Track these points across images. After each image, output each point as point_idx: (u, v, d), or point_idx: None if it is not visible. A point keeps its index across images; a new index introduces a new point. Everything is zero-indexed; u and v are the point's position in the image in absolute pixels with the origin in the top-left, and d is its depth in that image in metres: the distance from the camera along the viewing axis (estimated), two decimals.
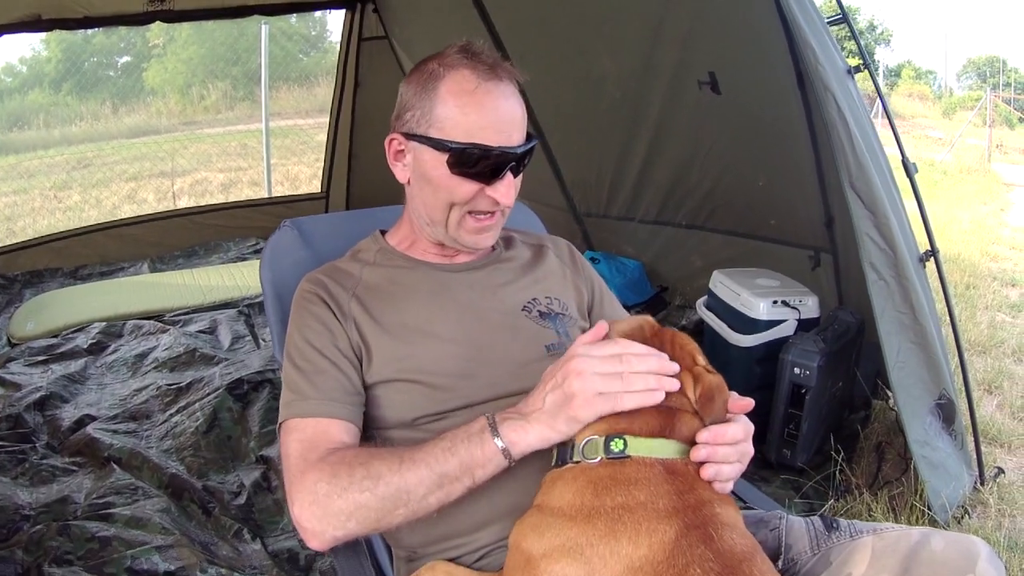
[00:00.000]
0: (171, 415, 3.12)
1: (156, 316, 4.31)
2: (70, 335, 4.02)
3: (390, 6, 5.14)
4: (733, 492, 1.42)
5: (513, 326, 1.31)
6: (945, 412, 2.38)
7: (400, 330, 1.27)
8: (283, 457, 1.17)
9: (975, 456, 2.51)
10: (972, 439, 2.51)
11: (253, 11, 5.08)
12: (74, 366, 3.63)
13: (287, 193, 7.95)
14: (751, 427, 1.13)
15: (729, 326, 2.99)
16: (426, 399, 1.22)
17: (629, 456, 1.02)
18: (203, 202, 8.05)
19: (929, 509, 2.27)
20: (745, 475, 2.68)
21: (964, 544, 1.05)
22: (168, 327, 4.12)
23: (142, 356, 3.78)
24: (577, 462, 1.05)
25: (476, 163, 1.22)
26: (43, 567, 2.09)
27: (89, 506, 2.41)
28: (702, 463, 1.04)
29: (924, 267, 2.35)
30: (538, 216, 1.84)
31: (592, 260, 4.33)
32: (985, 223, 7.37)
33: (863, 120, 2.24)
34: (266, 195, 7.66)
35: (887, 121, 2.54)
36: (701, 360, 1.14)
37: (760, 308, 2.86)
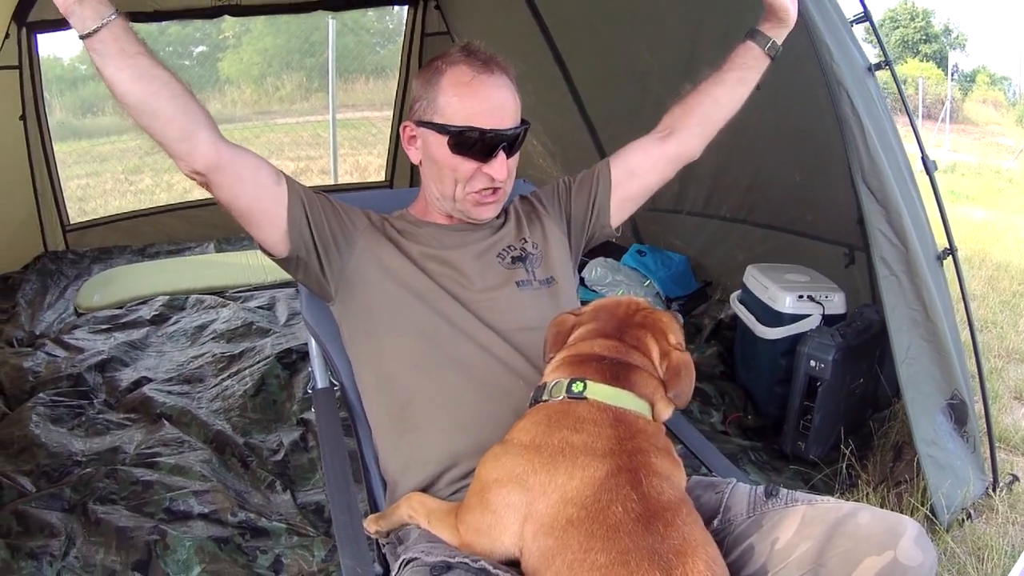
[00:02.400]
0: (223, 380, 3.33)
1: (218, 292, 4.53)
2: (134, 307, 4.26)
3: (451, 3, 5.30)
4: (696, 456, 1.53)
5: (488, 269, 1.51)
6: (957, 413, 2.38)
7: (407, 262, 1.47)
8: None
9: (990, 462, 2.49)
10: (988, 444, 2.50)
11: (318, 6, 5.29)
12: (136, 334, 3.86)
13: (354, 181, 8.18)
14: None
15: (757, 319, 3.05)
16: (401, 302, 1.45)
17: (586, 398, 1.14)
18: None
19: (931, 511, 2.26)
20: (757, 463, 2.74)
21: (891, 521, 1.09)
22: (228, 302, 4.34)
23: (202, 328, 4.00)
24: (546, 401, 1.17)
25: (473, 144, 1.42)
26: (88, 504, 2.30)
27: (137, 455, 2.62)
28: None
29: (942, 266, 2.36)
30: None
31: (639, 253, 4.40)
32: None
33: (880, 117, 2.26)
34: (332, 183, 7.93)
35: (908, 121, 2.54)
36: (673, 339, 1.25)
37: (785, 302, 2.92)
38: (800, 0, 2.08)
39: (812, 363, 2.63)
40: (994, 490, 2.46)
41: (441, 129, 1.43)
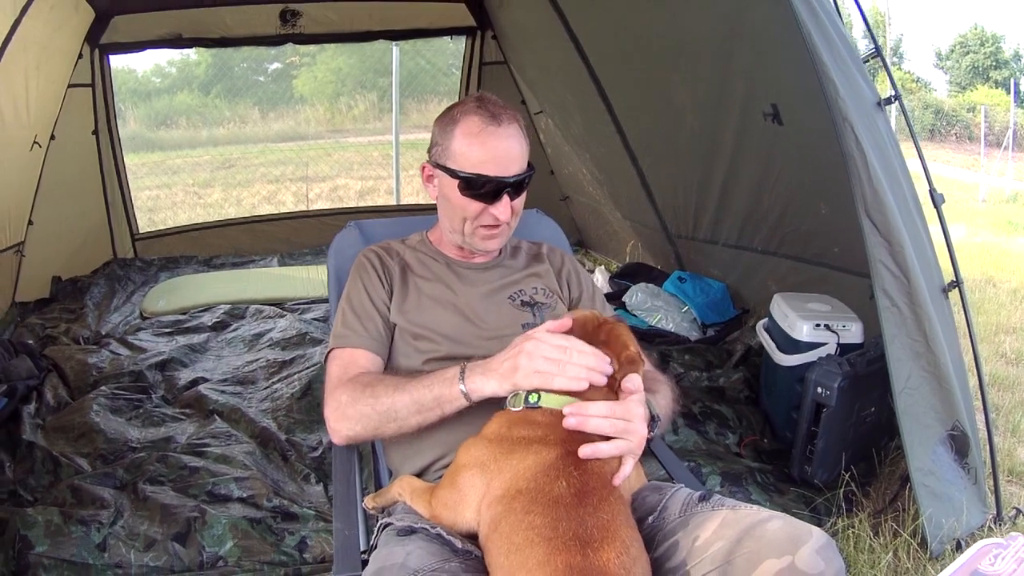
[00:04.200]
0: (273, 383, 3.59)
1: (278, 303, 4.82)
2: (197, 313, 4.59)
3: (506, 35, 5.54)
4: (663, 466, 1.70)
5: (498, 309, 1.70)
6: (958, 444, 2.42)
7: (418, 297, 1.70)
8: (326, 375, 1.60)
9: (995, 494, 2.51)
10: (991, 476, 2.52)
11: (379, 36, 5.57)
12: (197, 339, 4.18)
13: (418, 202, 8.44)
14: (639, 411, 1.35)
15: (777, 346, 3.14)
16: (416, 350, 1.64)
17: (540, 406, 1.33)
18: (338, 207, 8.65)
19: (916, 539, 2.30)
20: (762, 485, 2.83)
21: (797, 529, 1.20)
22: (286, 313, 4.62)
23: (259, 335, 4.28)
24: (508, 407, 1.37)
25: (480, 188, 1.62)
26: (138, 483, 2.57)
27: (187, 444, 2.89)
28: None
29: (947, 297, 2.42)
30: (560, 226, 2.24)
31: (679, 279, 4.53)
32: None
33: (888, 151, 2.34)
34: (395, 203, 8.20)
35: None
36: (632, 348, 1.41)
37: (803, 330, 3.01)
38: (808, 36, 2.23)
39: (819, 390, 2.71)
40: (996, 523, 2.48)
41: (453, 173, 1.62)
